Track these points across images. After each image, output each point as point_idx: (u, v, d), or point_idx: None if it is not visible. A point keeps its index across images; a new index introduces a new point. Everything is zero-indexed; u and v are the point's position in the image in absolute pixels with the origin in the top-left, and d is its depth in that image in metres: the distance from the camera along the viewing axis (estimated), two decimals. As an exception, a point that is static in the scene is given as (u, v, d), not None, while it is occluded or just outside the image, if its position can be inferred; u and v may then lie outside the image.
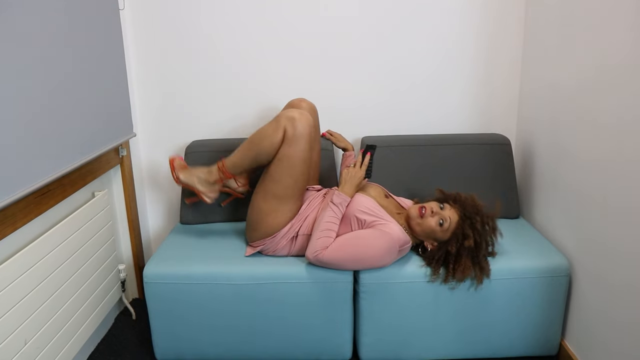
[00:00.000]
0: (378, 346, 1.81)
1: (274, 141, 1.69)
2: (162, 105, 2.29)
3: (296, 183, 1.75)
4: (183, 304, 1.76)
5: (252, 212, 1.82)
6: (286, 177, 1.72)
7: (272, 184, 1.75)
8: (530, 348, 1.82)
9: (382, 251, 1.65)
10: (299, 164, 1.71)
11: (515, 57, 2.23)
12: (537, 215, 2.08)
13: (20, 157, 1.38)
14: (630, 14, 1.43)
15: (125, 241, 2.23)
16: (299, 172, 1.73)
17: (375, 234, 1.66)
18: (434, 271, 1.71)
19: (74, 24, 1.65)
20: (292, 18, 2.18)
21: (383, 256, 1.66)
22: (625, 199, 1.47)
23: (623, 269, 1.49)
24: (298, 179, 1.74)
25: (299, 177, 1.74)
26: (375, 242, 1.65)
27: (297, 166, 1.71)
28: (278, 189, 1.74)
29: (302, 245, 1.81)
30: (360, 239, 1.67)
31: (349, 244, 1.66)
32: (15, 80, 1.35)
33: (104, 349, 1.98)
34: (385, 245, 1.65)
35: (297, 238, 1.81)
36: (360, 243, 1.66)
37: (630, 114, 1.44)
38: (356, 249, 1.66)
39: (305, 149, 1.71)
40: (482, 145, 2.11)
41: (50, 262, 1.60)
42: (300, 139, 1.68)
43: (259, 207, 1.79)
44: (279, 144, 1.70)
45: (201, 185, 1.84)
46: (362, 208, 1.73)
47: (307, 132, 1.69)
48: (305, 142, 1.70)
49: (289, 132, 1.68)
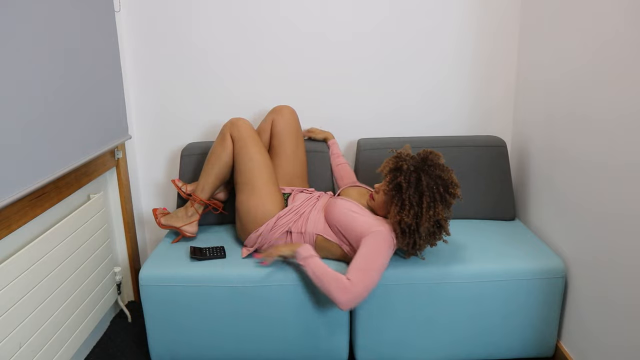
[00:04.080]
0: (374, 348, 1.81)
1: (227, 149, 1.87)
2: (158, 107, 2.29)
3: (259, 166, 1.82)
4: (179, 306, 1.76)
5: (236, 212, 1.90)
6: (248, 164, 1.83)
7: (239, 177, 1.86)
8: (526, 350, 1.82)
9: (387, 248, 1.63)
10: (254, 150, 1.84)
11: (510, 59, 2.24)
12: (533, 217, 2.09)
13: (16, 159, 1.37)
14: (624, 16, 1.44)
15: (121, 244, 2.23)
16: (258, 158, 1.84)
17: (371, 241, 1.63)
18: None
19: (69, 26, 1.65)
20: (289, 21, 2.18)
21: (389, 250, 1.64)
22: (620, 201, 1.48)
23: (618, 270, 1.49)
24: (259, 162, 1.84)
25: (260, 161, 1.84)
26: (378, 246, 1.62)
27: (253, 154, 1.84)
28: (245, 176, 1.84)
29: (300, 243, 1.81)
30: (368, 254, 1.61)
31: (365, 267, 1.59)
32: (10, 83, 1.35)
33: (100, 351, 1.97)
34: (384, 243, 1.63)
35: (292, 234, 1.81)
36: (370, 257, 1.60)
37: (626, 116, 1.44)
38: (372, 264, 1.60)
39: (255, 140, 1.86)
40: (478, 147, 2.12)
41: (46, 265, 1.59)
42: (245, 134, 1.85)
43: (239, 203, 1.86)
44: (232, 149, 1.87)
45: (178, 221, 1.95)
46: (343, 210, 1.73)
47: (249, 128, 1.86)
48: (251, 134, 1.86)
49: (234, 134, 1.86)
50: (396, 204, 1.64)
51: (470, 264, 1.75)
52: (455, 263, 1.76)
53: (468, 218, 2.13)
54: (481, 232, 1.99)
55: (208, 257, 1.81)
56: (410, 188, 1.61)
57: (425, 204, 1.60)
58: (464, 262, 1.76)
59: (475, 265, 1.75)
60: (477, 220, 2.13)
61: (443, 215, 1.63)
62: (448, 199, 1.64)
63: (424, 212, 1.60)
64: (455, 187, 1.65)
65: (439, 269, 1.74)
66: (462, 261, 1.77)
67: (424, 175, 1.62)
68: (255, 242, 1.83)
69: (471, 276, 1.73)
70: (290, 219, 1.80)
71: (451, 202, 1.65)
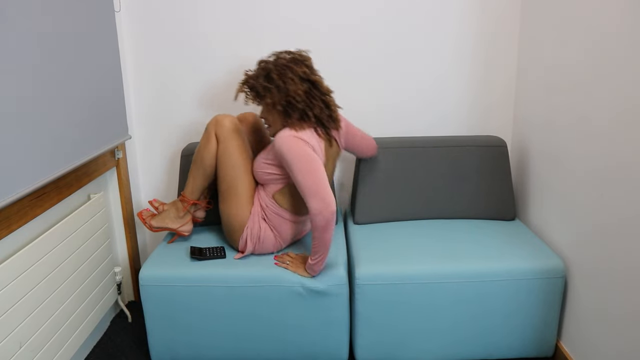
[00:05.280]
0: (374, 348, 1.81)
1: (211, 149, 1.81)
2: (158, 107, 2.29)
3: (241, 174, 1.80)
4: (179, 306, 1.76)
5: (222, 220, 1.87)
6: (230, 171, 1.79)
7: (222, 184, 1.82)
8: (526, 349, 1.82)
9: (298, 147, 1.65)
10: (236, 155, 1.79)
11: (511, 59, 2.24)
12: (533, 217, 2.09)
13: (16, 159, 1.37)
14: (625, 15, 1.44)
15: (121, 244, 2.23)
16: (240, 163, 1.80)
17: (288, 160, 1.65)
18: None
19: (69, 26, 1.65)
20: (292, 21, 2.18)
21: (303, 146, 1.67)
22: (621, 200, 1.48)
23: (619, 270, 1.49)
24: (241, 169, 1.80)
25: (242, 168, 1.80)
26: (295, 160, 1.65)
27: (235, 158, 1.79)
28: (227, 185, 1.80)
29: (288, 231, 1.84)
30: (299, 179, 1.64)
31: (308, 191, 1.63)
32: (10, 83, 1.35)
33: (100, 351, 1.97)
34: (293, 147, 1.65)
35: (265, 219, 1.82)
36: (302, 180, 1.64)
37: (626, 115, 1.44)
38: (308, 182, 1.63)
39: (239, 142, 1.80)
40: (478, 147, 2.12)
41: (46, 265, 1.59)
42: (230, 135, 1.79)
43: (222, 211, 1.84)
44: (216, 152, 1.81)
45: (173, 223, 1.92)
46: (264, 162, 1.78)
47: (233, 127, 1.79)
48: (235, 136, 1.79)
49: (218, 133, 1.79)
50: (265, 100, 1.71)
51: (471, 264, 1.75)
52: (455, 263, 1.76)
53: (468, 218, 2.13)
54: (481, 232, 1.99)
55: (208, 257, 1.81)
56: (259, 78, 1.69)
57: (277, 75, 1.67)
58: (464, 262, 1.76)
59: (476, 265, 1.75)
60: (478, 220, 2.13)
61: (303, 72, 1.69)
62: (295, 57, 1.71)
63: (284, 81, 1.66)
64: (300, 54, 1.73)
65: (439, 269, 1.74)
66: (462, 261, 1.77)
67: (262, 63, 1.72)
68: (245, 246, 1.83)
69: (471, 276, 1.73)
70: (255, 210, 1.82)
71: (301, 58, 1.71)
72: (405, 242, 1.90)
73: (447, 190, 2.11)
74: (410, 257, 1.80)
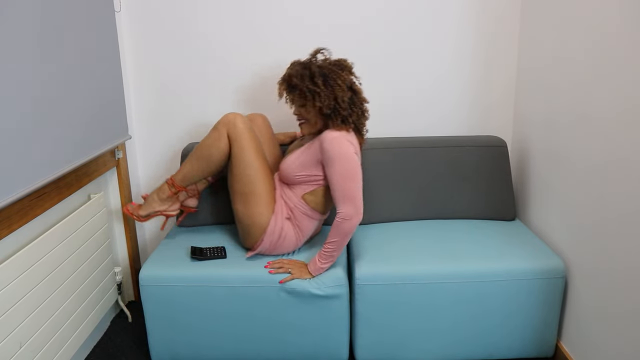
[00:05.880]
0: (374, 348, 1.81)
1: (221, 148, 1.78)
2: (158, 107, 2.29)
3: (259, 173, 1.79)
4: (179, 306, 1.76)
5: (238, 221, 1.85)
6: (247, 170, 1.78)
7: (239, 185, 1.80)
8: (526, 350, 1.82)
9: (346, 149, 1.68)
10: (253, 155, 1.78)
11: (511, 59, 2.24)
12: (533, 217, 2.09)
13: (16, 159, 1.37)
14: (625, 14, 1.44)
15: (121, 244, 2.23)
16: (257, 163, 1.78)
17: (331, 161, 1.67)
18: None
19: (69, 26, 1.65)
20: (292, 20, 2.18)
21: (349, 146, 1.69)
22: (621, 200, 1.48)
23: (619, 270, 1.49)
24: (259, 169, 1.78)
25: (259, 168, 1.79)
26: (340, 163, 1.67)
27: (252, 158, 1.77)
28: (245, 186, 1.78)
29: (311, 231, 1.86)
30: (339, 181, 1.68)
31: (343, 194, 1.67)
32: (10, 83, 1.35)
33: (100, 351, 1.97)
34: (341, 148, 1.67)
35: (292, 218, 1.82)
36: (342, 182, 1.67)
37: (626, 115, 1.44)
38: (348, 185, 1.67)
39: (254, 141, 1.79)
40: (479, 147, 2.12)
41: (46, 265, 1.59)
42: (243, 134, 1.77)
43: (241, 212, 1.82)
44: (226, 149, 1.79)
45: (159, 205, 1.90)
46: (292, 164, 1.79)
47: (247, 127, 1.78)
48: (251, 136, 1.78)
49: (231, 133, 1.77)
50: (310, 103, 1.71)
51: (471, 264, 1.75)
52: (455, 263, 1.76)
53: (468, 218, 2.13)
54: (481, 232, 1.99)
55: (208, 257, 1.81)
56: (305, 80, 1.69)
57: (327, 81, 1.68)
58: (465, 262, 1.76)
59: (476, 265, 1.75)
60: (478, 220, 2.13)
61: (349, 79, 1.73)
62: (341, 63, 1.74)
63: (332, 86, 1.68)
64: (344, 60, 1.76)
65: (439, 269, 1.74)
66: (462, 261, 1.77)
67: (311, 66, 1.71)
68: (260, 246, 1.82)
69: (471, 276, 1.73)
70: (279, 209, 1.81)
71: (345, 65, 1.75)
72: (405, 243, 1.90)
73: (447, 191, 2.11)
74: (411, 258, 1.79)
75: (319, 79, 1.68)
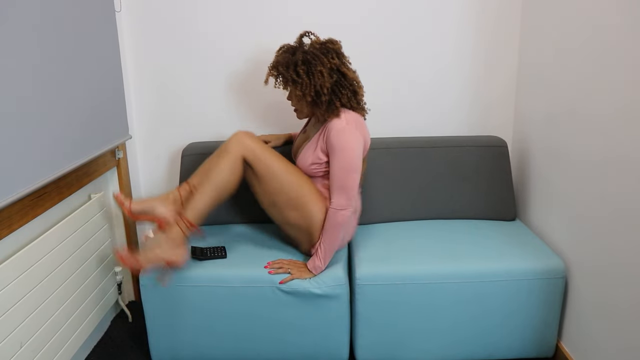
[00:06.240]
0: (374, 348, 1.81)
1: (236, 174, 1.71)
2: (159, 107, 2.29)
3: (296, 176, 1.75)
4: (179, 306, 1.76)
5: (295, 228, 1.79)
6: (287, 178, 1.73)
7: (283, 195, 1.74)
8: (526, 350, 1.82)
9: (354, 137, 1.69)
10: (281, 163, 1.75)
11: (512, 57, 2.24)
12: (534, 217, 2.09)
13: (16, 159, 1.37)
14: (626, 12, 1.44)
15: (122, 244, 2.23)
16: (289, 167, 1.76)
17: (343, 157, 1.67)
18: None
19: (70, 26, 1.65)
20: (292, 18, 2.18)
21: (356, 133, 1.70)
22: (622, 200, 1.48)
23: (619, 270, 1.49)
24: (294, 172, 1.76)
25: (294, 171, 1.76)
26: (348, 157, 1.67)
27: (282, 166, 1.74)
28: (291, 192, 1.73)
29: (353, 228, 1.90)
30: (339, 171, 1.68)
31: (340, 183, 1.68)
32: (11, 83, 1.35)
33: (100, 351, 1.98)
34: (349, 137, 1.68)
35: None
36: (341, 172, 1.68)
37: (627, 114, 1.44)
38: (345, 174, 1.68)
39: (270, 150, 1.75)
40: (479, 147, 2.12)
41: (47, 264, 1.59)
42: (261, 151, 1.72)
43: (295, 218, 1.75)
44: (242, 174, 1.73)
45: (168, 252, 1.65)
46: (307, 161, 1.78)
47: (257, 140, 1.74)
48: (264, 147, 1.74)
49: (248, 155, 1.71)
50: (293, 92, 1.72)
51: (471, 264, 1.75)
52: (455, 263, 1.76)
53: (469, 218, 2.13)
54: (482, 232, 1.99)
55: (209, 257, 1.81)
56: (290, 69, 1.67)
57: (309, 70, 1.66)
58: (465, 262, 1.76)
59: (476, 265, 1.75)
60: (478, 220, 2.12)
61: (334, 62, 1.68)
62: (327, 46, 1.70)
63: (313, 73, 1.66)
64: (331, 41, 1.72)
65: (439, 269, 1.74)
66: (462, 261, 1.77)
67: (296, 52, 1.69)
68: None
69: (472, 276, 1.73)
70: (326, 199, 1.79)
71: (331, 48, 1.70)
72: (405, 243, 1.90)
73: (448, 191, 2.11)
74: (411, 258, 1.79)
75: (301, 67, 1.66)
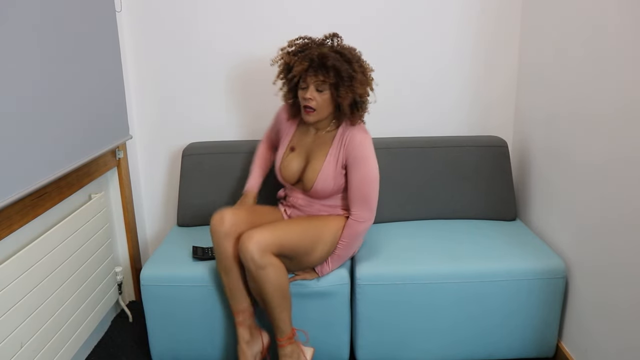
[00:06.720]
0: (375, 348, 1.81)
1: (282, 267, 1.57)
2: (159, 107, 2.29)
3: (308, 222, 1.70)
4: (180, 306, 1.76)
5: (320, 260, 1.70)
6: (301, 243, 1.62)
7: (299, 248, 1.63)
8: (527, 350, 1.82)
9: (372, 156, 1.69)
10: (297, 231, 1.63)
11: (512, 57, 2.24)
12: (534, 217, 2.09)
13: (17, 159, 1.37)
14: (626, 12, 1.44)
15: (122, 244, 2.23)
16: (298, 226, 1.67)
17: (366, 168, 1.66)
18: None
19: (70, 26, 1.65)
20: (292, 21, 2.18)
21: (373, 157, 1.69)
22: (622, 200, 1.47)
23: (619, 270, 1.49)
24: (301, 223, 1.70)
25: (300, 222, 1.70)
26: (370, 168, 1.68)
27: (295, 234, 1.61)
28: (313, 237, 1.65)
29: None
30: (360, 183, 1.67)
31: (361, 196, 1.67)
32: (11, 83, 1.35)
33: (101, 351, 1.98)
34: (366, 146, 1.67)
35: None
36: (362, 185, 1.67)
37: (627, 114, 1.44)
38: (366, 189, 1.67)
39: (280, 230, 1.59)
40: (479, 147, 2.12)
41: (47, 264, 1.59)
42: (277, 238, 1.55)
43: (322, 253, 1.68)
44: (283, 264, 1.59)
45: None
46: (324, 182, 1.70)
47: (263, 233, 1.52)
48: (273, 235, 1.55)
49: (274, 250, 1.53)
50: (344, 88, 1.59)
51: (471, 264, 1.75)
52: (456, 263, 1.76)
53: (469, 218, 2.13)
54: (482, 233, 1.99)
55: (210, 257, 1.81)
56: (343, 63, 1.59)
57: (363, 68, 1.64)
58: (465, 262, 1.76)
59: (476, 265, 1.75)
60: (478, 220, 2.12)
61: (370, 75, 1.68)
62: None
63: (366, 75, 1.64)
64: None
65: (440, 269, 1.74)
66: (462, 261, 1.77)
67: (342, 50, 1.62)
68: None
69: (472, 276, 1.73)
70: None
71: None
72: (405, 243, 1.90)
73: (448, 191, 2.11)
74: (411, 258, 1.79)
75: (355, 63, 1.60)
